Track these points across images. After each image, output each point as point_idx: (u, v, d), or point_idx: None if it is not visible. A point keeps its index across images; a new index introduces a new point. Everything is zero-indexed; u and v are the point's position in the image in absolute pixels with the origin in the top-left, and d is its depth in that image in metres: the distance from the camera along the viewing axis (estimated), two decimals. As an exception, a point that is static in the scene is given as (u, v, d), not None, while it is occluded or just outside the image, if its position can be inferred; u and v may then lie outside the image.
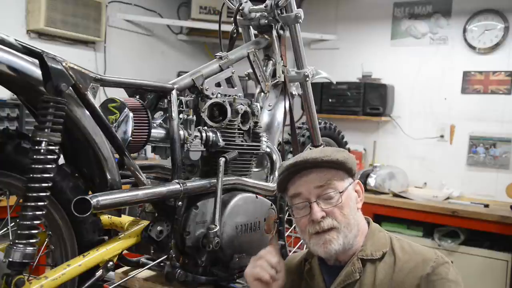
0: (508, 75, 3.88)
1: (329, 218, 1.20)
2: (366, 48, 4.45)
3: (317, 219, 1.19)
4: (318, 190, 1.21)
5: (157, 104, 1.44)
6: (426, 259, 1.19)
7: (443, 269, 1.17)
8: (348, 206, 1.22)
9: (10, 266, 1.04)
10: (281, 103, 1.84)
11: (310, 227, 1.21)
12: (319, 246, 1.20)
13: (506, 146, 3.90)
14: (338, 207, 1.20)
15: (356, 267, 1.21)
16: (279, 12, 1.70)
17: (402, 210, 3.68)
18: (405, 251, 1.23)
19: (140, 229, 1.35)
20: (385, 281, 1.19)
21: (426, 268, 1.17)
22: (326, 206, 1.20)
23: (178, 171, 1.37)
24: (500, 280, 3.38)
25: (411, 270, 1.18)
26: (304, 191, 1.23)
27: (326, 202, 1.21)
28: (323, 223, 1.19)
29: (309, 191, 1.22)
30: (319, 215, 1.19)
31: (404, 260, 1.21)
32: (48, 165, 1.06)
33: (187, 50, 4.91)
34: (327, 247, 1.19)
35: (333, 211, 1.20)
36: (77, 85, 1.13)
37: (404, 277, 1.18)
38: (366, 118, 4.25)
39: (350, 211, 1.22)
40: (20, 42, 1.05)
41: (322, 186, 1.21)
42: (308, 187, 1.22)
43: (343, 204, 1.21)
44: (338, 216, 1.20)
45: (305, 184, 1.23)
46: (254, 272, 1.24)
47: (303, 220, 1.23)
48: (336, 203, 1.20)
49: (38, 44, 3.45)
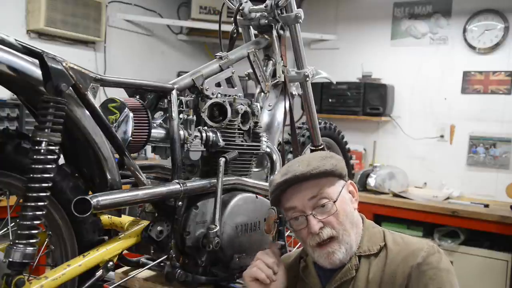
0: (508, 75, 3.88)
1: (327, 227, 1.20)
2: (366, 48, 4.45)
3: (315, 231, 1.20)
4: (312, 202, 1.21)
5: (157, 104, 1.44)
6: (417, 249, 1.19)
7: (434, 258, 1.17)
8: (344, 212, 1.22)
9: (10, 266, 1.04)
10: (281, 103, 1.84)
11: (311, 240, 1.21)
12: (324, 259, 1.21)
13: (506, 146, 3.90)
14: (334, 215, 1.21)
15: (353, 263, 1.22)
16: (279, 12, 1.70)
17: (402, 210, 3.68)
18: (397, 243, 1.23)
19: (140, 229, 1.35)
20: (377, 274, 1.19)
21: (417, 257, 1.17)
22: (323, 216, 1.20)
23: (178, 171, 1.37)
24: (500, 280, 3.38)
25: (402, 260, 1.18)
26: (298, 204, 1.23)
27: (322, 212, 1.21)
28: (322, 234, 1.20)
29: (303, 204, 1.22)
30: (317, 228, 1.19)
31: (395, 251, 1.21)
32: (48, 165, 1.06)
33: (187, 50, 4.91)
34: (331, 259, 1.20)
35: (330, 220, 1.20)
36: (77, 85, 1.13)
37: (395, 268, 1.18)
38: (366, 118, 4.25)
39: (346, 217, 1.22)
40: (20, 42, 1.05)
41: (315, 196, 1.21)
42: (302, 200, 1.22)
43: (339, 211, 1.21)
44: (336, 225, 1.20)
45: (298, 197, 1.23)
46: (250, 272, 1.25)
47: (303, 232, 1.23)
48: (332, 212, 1.20)
49: (38, 44, 3.45)
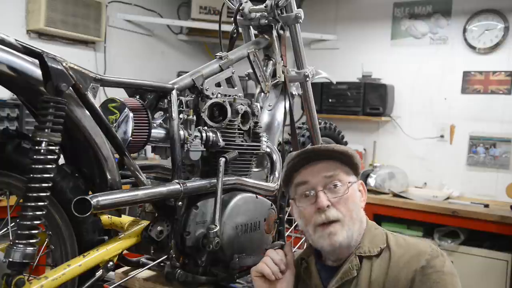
0: (508, 75, 3.88)
1: (334, 209, 1.20)
2: (366, 48, 4.45)
3: (323, 206, 1.19)
4: (325, 180, 1.22)
5: (157, 104, 1.44)
6: (420, 252, 1.19)
7: (438, 261, 1.16)
8: (353, 201, 1.23)
9: (10, 266, 1.04)
10: (281, 103, 1.84)
11: (317, 217, 1.21)
12: (324, 239, 1.21)
13: (506, 146, 3.90)
14: (344, 199, 1.21)
15: (354, 264, 1.21)
16: (279, 12, 1.70)
17: (402, 210, 3.68)
18: (400, 245, 1.23)
19: (140, 229, 1.35)
20: (380, 276, 1.19)
21: (420, 261, 1.17)
22: (332, 196, 1.21)
23: (178, 171, 1.37)
24: (500, 280, 3.38)
25: (405, 263, 1.18)
26: (311, 179, 1.23)
27: (333, 192, 1.22)
28: (328, 213, 1.20)
29: (317, 179, 1.22)
30: (326, 203, 1.20)
31: (398, 254, 1.20)
32: (48, 165, 1.06)
33: (187, 50, 4.91)
34: (332, 239, 1.19)
35: (339, 203, 1.21)
36: (77, 85, 1.13)
37: (399, 271, 1.17)
38: (366, 118, 4.25)
39: (354, 206, 1.23)
40: (20, 42, 1.05)
41: (330, 176, 1.22)
42: (316, 176, 1.23)
43: (349, 196, 1.22)
44: (343, 209, 1.21)
45: (313, 173, 1.24)
46: (256, 267, 1.26)
47: (308, 209, 1.23)
48: (343, 194, 1.21)
49: (38, 44, 3.45)
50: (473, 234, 3.58)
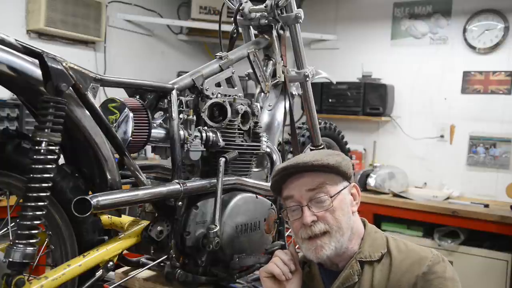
0: (508, 75, 3.88)
1: (320, 223, 1.19)
2: (366, 48, 4.45)
3: (307, 223, 1.19)
4: (309, 194, 1.21)
5: (157, 104, 1.44)
6: (422, 258, 1.19)
7: (440, 267, 1.17)
8: (341, 210, 1.21)
9: (10, 266, 1.04)
10: (281, 103, 1.84)
11: (302, 232, 1.21)
12: (311, 252, 1.21)
13: (506, 146, 3.89)
14: (330, 211, 1.20)
15: (355, 269, 1.21)
16: (279, 12, 1.70)
17: (402, 210, 3.68)
18: (401, 250, 1.23)
19: (140, 229, 1.35)
20: (382, 282, 1.18)
21: (422, 266, 1.17)
22: (318, 210, 1.20)
23: (178, 171, 1.37)
24: (500, 280, 3.38)
25: (407, 269, 1.18)
26: (296, 194, 1.23)
27: (318, 206, 1.20)
28: (314, 228, 1.19)
29: (300, 194, 1.22)
30: (309, 220, 1.19)
31: (400, 259, 1.20)
32: (48, 165, 1.06)
33: (187, 50, 4.91)
34: (319, 253, 1.19)
35: (325, 216, 1.20)
36: (77, 85, 1.13)
37: (400, 277, 1.17)
38: (366, 118, 4.25)
39: (343, 215, 1.21)
40: (20, 42, 1.05)
41: (314, 189, 1.21)
42: (300, 190, 1.22)
43: (335, 208, 1.20)
44: (330, 220, 1.20)
45: (297, 187, 1.23)
46: (266, 268, 1.26)
47: (296, 223, 1.23)
48: (327, 207, 1.20)
49: (38, 44, 3.45)
50: (473, 234, 3.58)
